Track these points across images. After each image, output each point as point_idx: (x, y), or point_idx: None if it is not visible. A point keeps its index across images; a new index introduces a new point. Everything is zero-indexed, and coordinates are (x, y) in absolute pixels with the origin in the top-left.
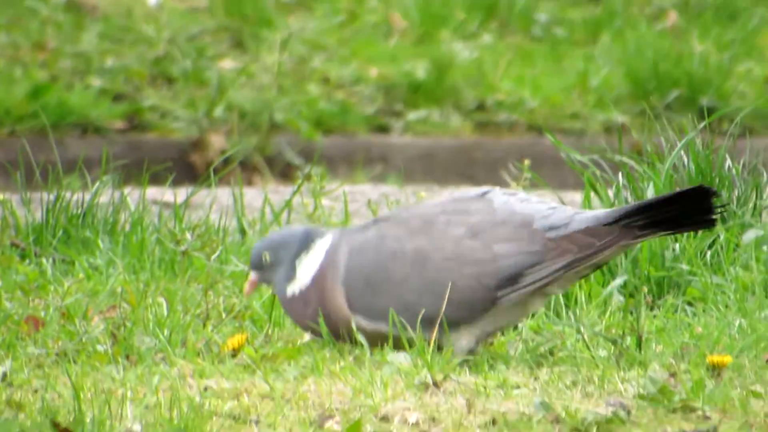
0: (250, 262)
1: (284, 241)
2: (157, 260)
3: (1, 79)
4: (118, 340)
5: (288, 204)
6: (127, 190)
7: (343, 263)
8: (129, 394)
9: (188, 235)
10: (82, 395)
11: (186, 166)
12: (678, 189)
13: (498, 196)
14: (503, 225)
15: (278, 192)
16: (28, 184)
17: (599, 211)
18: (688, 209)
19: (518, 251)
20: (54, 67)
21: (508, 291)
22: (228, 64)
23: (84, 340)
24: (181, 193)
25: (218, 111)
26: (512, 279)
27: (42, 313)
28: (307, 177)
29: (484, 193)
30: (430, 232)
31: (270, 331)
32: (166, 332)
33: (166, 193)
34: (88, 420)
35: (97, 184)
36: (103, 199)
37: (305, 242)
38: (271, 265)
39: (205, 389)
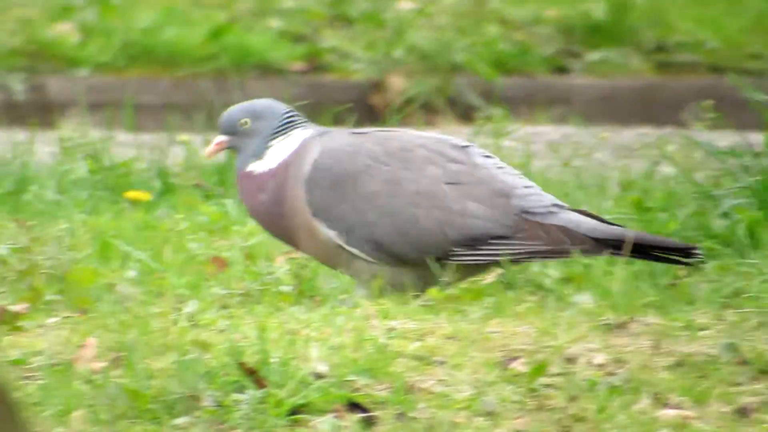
0: (222, 124)
1: (267, 113)
2: None
3: (181, 21)
4: (302, 281)
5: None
6: None
7: (311, 160)
8: (314, 334)
9: None
10: (267, 336)
11: (366, 108)
12: (677, 241)
13: (478, 154)
14: (481, 185)
15: (459, 133)
16: (209, 126)
17: (584, 219)
18: (676, 252)
19: (490, 217)
20: (233, 9)
21: (463, 251)
22: (406, 4)
23: (268, 280)
24: None
25: (397, 52)
26: (473, 241)
27: (226, 254)
28: (488, 118)
29: (465, 146)
30: (407, 160)
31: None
32: None
33: None
34: (273, 360)
35: None
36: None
37: (285, 125)
38: (244, 133)
39: (390, 330)
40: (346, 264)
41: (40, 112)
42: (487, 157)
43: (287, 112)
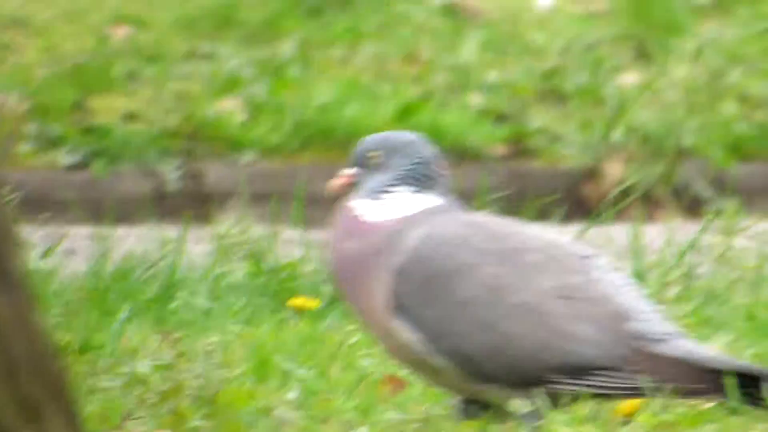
0: (356, 155)
1: (404, 149)
2: None
3: (365, 97)
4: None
5: (693, 243)
6: None
7: (411, 246)
8: None
9: None
10: None
11: (577, 199)
12: None
13: (600, 266)
14: (594, 304)
15: (683, 229)
16: None
17: (711, 351)
18: None
19: (599, 344)
20: (426, 83)
21: (558, 378)
22: (629, 78)
23: (451, 404)
24: (570, 232)
25: (616, 134)
26: (574, 370)
27: (403, 372)
28: (718, 211)
29: (587, 256)
30: (517, 264)
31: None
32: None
33: (553, 231)
34: None
35: None
36: None
37: (419, 179)
38: (374, 168)
39: None
40: (428, 373)
41: (195, 204)
42: (614, 271)
43: (429, 165)
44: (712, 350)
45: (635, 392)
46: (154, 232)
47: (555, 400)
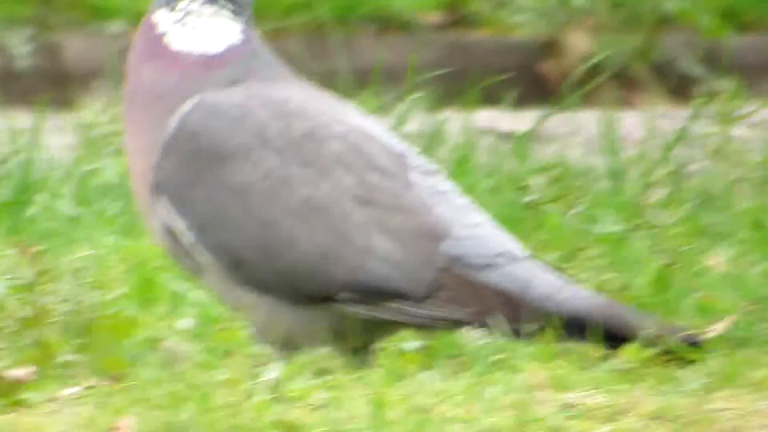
0: None
1: None
2: (492, 216)
3: None
4: (434, 335)
5: (681, 134)
6: (445, 113)
7: (180, 112)
8: (453, 413)
9: (536, 180)
10: (384, 415)
11: (533, 79)
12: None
13: (418, 167)
14: (403, 214)
15: (669, 116)
16: None
17: (550, 280)
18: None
19: (400, 264)
20: None
21: (352, 298)
22: None
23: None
24: (526, 119)
25: None
26: (366, 293)
27: None
28: (711, 95)
29: (402, 154)
30: (310, 153)
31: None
32: None
33: (504, 118)
34: None
35: (403, 104)
36: (412, 126)
37: None
38: None
39: (566, 407)
40: (193, 272)
41: (51, 86)
42: (428, 173)
43: None
44: (559, 281)
45: (445, 326)
46: (3, 121)
47: (347, 324)
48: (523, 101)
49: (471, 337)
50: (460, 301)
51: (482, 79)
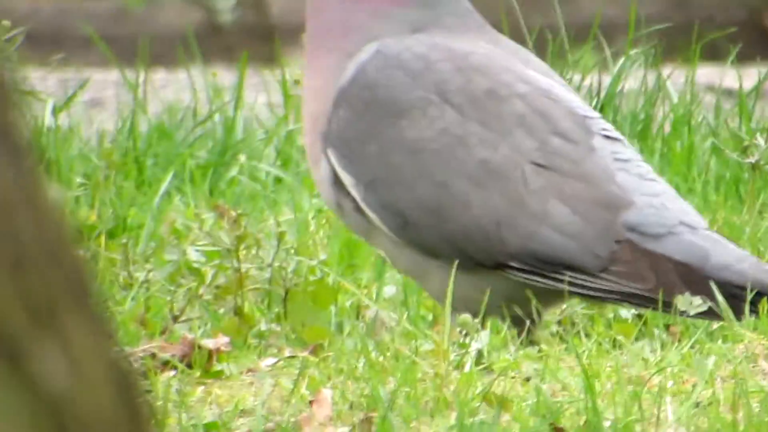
0: None
1: None
2: (713, 178)
3: None
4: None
5: None
6: (666, 70)
7: (357, 62)
8: (670, 385)
9: (760, 140)
10: (596, 387)
11: (758, 34)
12: None
13: (602, 132)
14: (583, 182)
15: None
16: None
17: (729, 250)
18: None
19: (576, 237)
20: None
21: (524, 266)
22: None
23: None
24: (751, 75)
25: None
26: (539, 262)
27: None
28: None
29: (589, 117)
30: (491, 113)
31: None
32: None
33: (727, 75)
34: (606, 425)
35: (621, 60)
36: (630, 83)
37: None
38: None
39: None
40: (357, 229)
41: (255, 41)
42: (610, 138)
43: None
44: (739, 253)
45: (620, 299)
46: (202, 78)
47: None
48: (747, 56)
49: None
50: (636, 275)
51: (705, 33)
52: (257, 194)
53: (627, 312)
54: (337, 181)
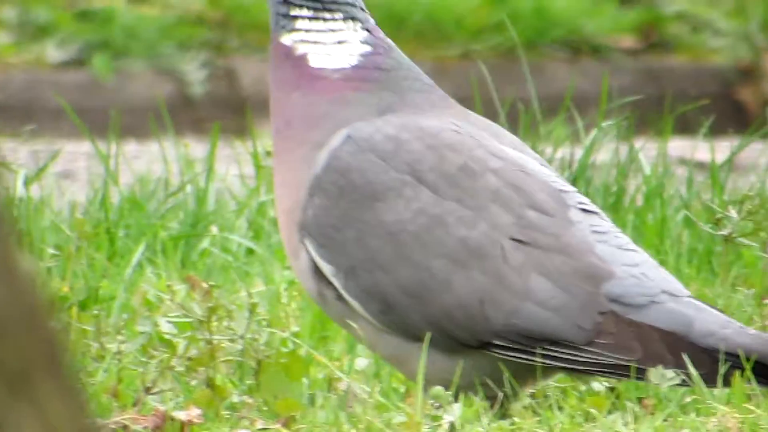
0: None
1: None
2: (685, 251)
3: None
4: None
5: None
6: (638, 142)
7: (330, 148)
8: None
9: (733, 212)
10: None
11: (730, 106)
12: None
13: (577, 205)
14: (563, 255)
15: None
16: None
17: (712, 316)
18: None
19: (558, 310)
20: None
21: (507, 343)
22: None
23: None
24: (723, 148)
25: None
26: (524, 339)
27: None
28: None
29: (564, 190)
30: (466, 190)
31: None
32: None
33: (699, 148)
34: None
35: (593, 132)
36: (602, 155)
37: None
38: None
39: None
40: (336, 316)
41: (226, 112)
42: (587, 211)
43: None
44: (723, 319)
45: (607, 372)
46: (174, 149)
47: (499, 374)
48: (719, 129)
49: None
50: (623, 346)
51: (678, 105)
52: (229, 265)
53: (600, 384)
54: (317, 271)
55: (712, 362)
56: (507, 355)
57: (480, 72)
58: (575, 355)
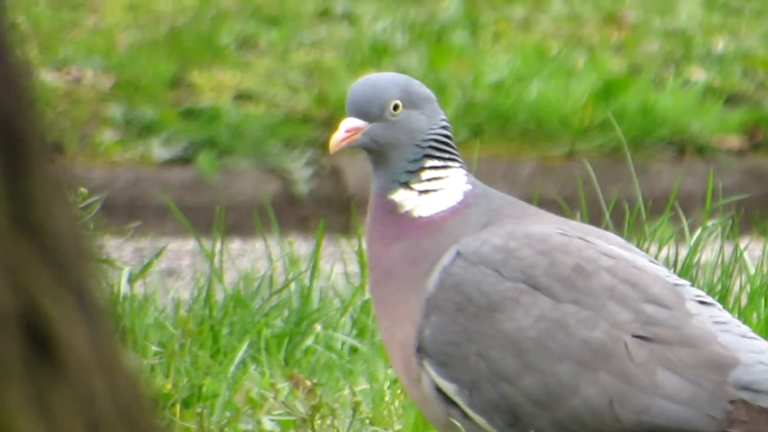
0: (358, 100)
1: (423, 99)
2: None
3: (557, 70)
4: None
5: None
6: (743, 241)
7: (441, 266)
8: None
9: None
10: None
11: None
12: None
13: (693, 297)
14: (687, 348)
15: None
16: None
17: None
18: None
19: (688, 403)
20: (634, 52)
21: None
22: None
23: None
24: None
25: None
26: (654, 431)
27: None
28: None
29: (677, 284)
30: (581, 290)
31: None
32: None
33: None
34: None
35: (698, 232)
36: (707, 255)
37: (444, 149)
38: (392, 124)
39: None
40: None
41: (331, 210)
42: (705, 303)
43: (444, 116)
44: None
45: None
46: (279, 247)
47: None
48: None
49: None
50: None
51: None
52: (333, 364)
53: None
54: (439, 393)
55: None
56: None
57: (585, 171)
58: None
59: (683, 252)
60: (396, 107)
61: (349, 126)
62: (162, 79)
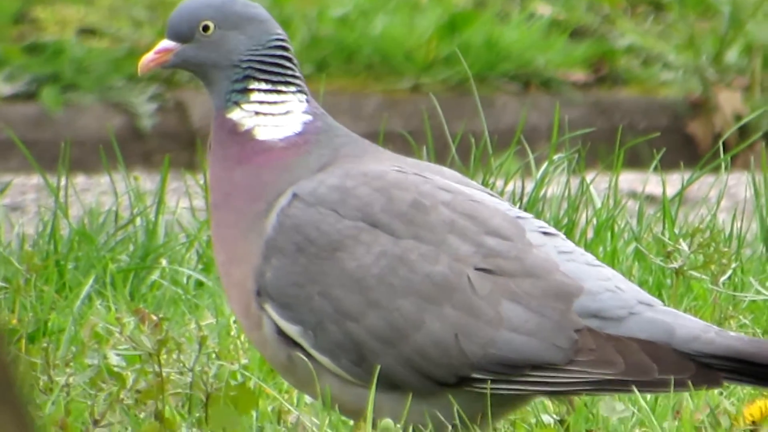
0: (178, 24)
1: (245, 21)
2: (636, 283)
3: (397, 7)
4: (572, 407)
5: None
6: (590, 175)
7: (278, 207)
8: None
9: (683, 245)
10: None
11: (681, 140)
12: None
13: (536, 228)
14: (530, 278)
15: None
16: (437, 160)
17: (689, 323)
18: None
19: (534, 333)
20: None
21: (487, 375)
22: None
23: None
24: (674, 181)
25: (730, 55)
26: (504, 368)
27: None
28: None
29: (518, 216)
30: (421, 225)
31: None
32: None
33: (650, 181)
34: None
35: (544, 165)
36: (553, 189)
37: (276, 65)
38: (206, 45)
39: None
40: (304, 378)
41: (176, 145)
42: (548, 234)
43: (278, 37)
44: (702, 324)
45: (591, 388)
46: (124, 183)
47: (482, 407)
48: (670, 163)
49: (610, 410)
50: (604, 361)
51: (628, 139)
52: (179, 298)
53: (549, 417)
54: (282, 335)
55: (697, 366)
56: (486, 388)
57: (431, 106)
58: (557, 377)
59: (529, 186)
60: (206, 28)
61: (160, 47)
62: (5, 14)
